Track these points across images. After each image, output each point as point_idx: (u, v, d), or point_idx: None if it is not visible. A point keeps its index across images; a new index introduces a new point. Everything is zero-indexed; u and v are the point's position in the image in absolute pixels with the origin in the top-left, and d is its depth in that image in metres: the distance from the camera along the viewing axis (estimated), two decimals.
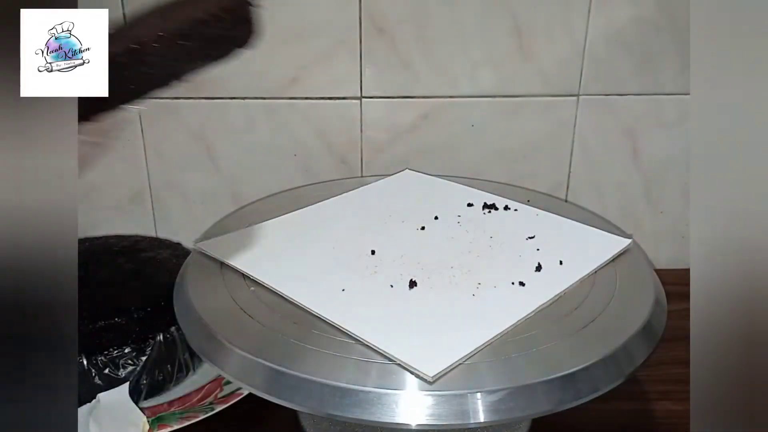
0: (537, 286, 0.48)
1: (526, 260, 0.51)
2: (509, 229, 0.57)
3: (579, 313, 0.46)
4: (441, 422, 0.38)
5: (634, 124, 0.74)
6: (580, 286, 0.49)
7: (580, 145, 0.75)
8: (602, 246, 0.54)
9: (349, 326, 0.43)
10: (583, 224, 0.58)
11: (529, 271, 0.50)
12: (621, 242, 0.54)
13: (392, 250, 0.53)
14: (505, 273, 0.50)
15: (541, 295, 0.47)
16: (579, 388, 0.40)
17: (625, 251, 0.54)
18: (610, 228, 0.59)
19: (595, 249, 0.53)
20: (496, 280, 0.49)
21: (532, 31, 0.70)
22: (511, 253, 0.53)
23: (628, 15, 0.69)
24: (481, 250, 0.53)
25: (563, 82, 0.72)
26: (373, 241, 0.54)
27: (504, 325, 0.43)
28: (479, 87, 0.72)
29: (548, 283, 0.49)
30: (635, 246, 0.56)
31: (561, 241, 0.55)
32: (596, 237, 0.56)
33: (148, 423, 0.51)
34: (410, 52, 0.70)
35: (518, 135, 0.74)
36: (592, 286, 0.49)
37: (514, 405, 0.39)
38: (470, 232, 0.56)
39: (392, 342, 0.41)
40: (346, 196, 0.64)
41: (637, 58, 0.71)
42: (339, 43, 0.70)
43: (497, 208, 0.61)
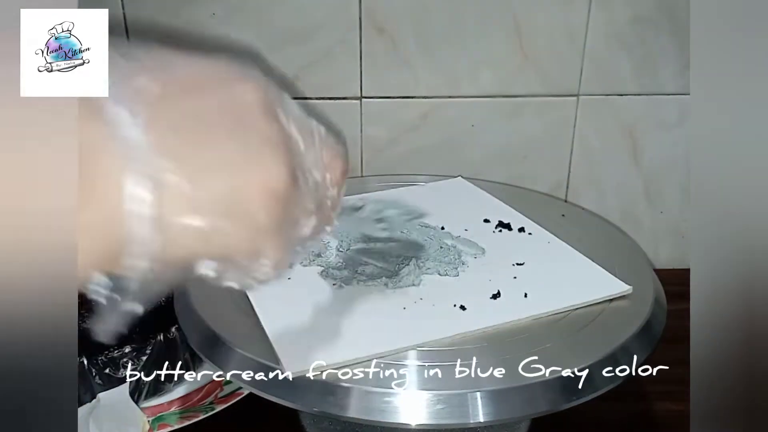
0: (476, 313, 0.46)
1: (490, 285, 0.49)
2: (503, 251, 0.54)
3: (579, 313, 0.46)
4: (441, 422, 0.38)
5: (634, 124, 0.74)
6: (544, 314, 0.47)
7: (580, 145, 0.75)
8: (591, 287, 0.49)
9: (259, 310, 0.45)
10: (591, 261, 0.52)
11: (484, 298, 0.47)
12: (617, 287, 0.49)
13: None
14: (455, 294, 0.48)
15: (471, 322, 0.44)
16: (579, 388, 0.40)
17: (621, 296, 0.48)
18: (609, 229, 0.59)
19: (580, 288, 0.48)
20: (440, 299, 0.47)
21: (532, 31, 0.70)
22: (483, 276, 0.50)
23: (628, 15, 0.69)
24: (457, 268, 0.51)
25: (563, 82, 0.72)
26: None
27: (396, 345, 0.42)
28: (479, 87, 0.72)
29: (492, 312, 0.46)
30: (635, 246, 0.56)
31: (549, 272, 0.51)
32: (594, 277, 0.50)
33: (148, 423, 0.51)
34: (410, 52, 0.70)
35: (518, 135, 0.74)
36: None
37: (514, 405, 0.39)
38: (460, 247, 0.54)
39: (277, 328, 0.43)
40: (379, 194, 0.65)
41: (637, 58, 0.71)
42: (339, 43, 0.70)
43: (511, 228, 0.58)
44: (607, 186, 0.77)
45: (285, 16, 0.68)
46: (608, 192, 0.77)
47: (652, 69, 0.71)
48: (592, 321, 0.45)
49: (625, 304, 0.47)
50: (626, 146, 0.75)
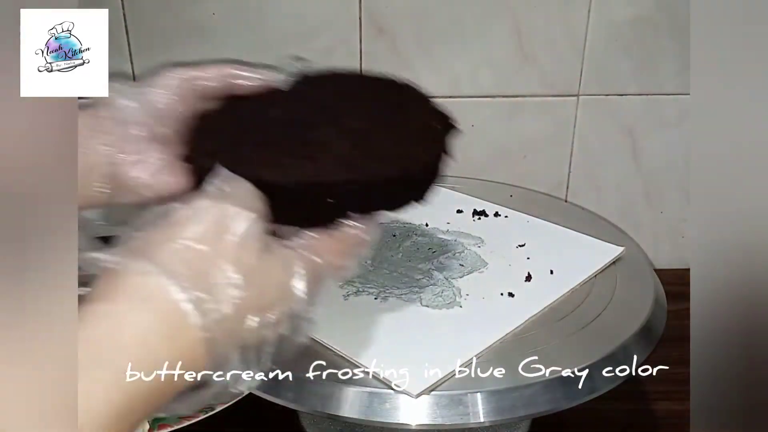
0: (527, 296, 0.47)
1: (515, 270, 0.51)
2: (498, 236, 0.56)
3: (579, 313, 0.46)
4: (441, 422, 0.38)
5: (634, 124, 0.74)
6: (578, 288, 0.49)
7: (580, 145, 0.75)
8: (594, 254, 0.53)
9: (338, 345, 0.42)
10: (575, 231, 0.57)
11: (519, 281, 0.49)
12: (613, 250, 0.53)
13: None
14: (495, 283, 0.49)
15: (532, 306, 0.46)
16: (579, 388, 0.40)
17: (618, 258, 0.53)
18: (609, 229, 0.59)
19: (586, 257, 0.52)
20: (484, 292, 0.48)
21: (532, 31, 0.70)
22: (501, 262, 0.52)
23: (628, 15, 0.69)
24: (470, 259, 0.52)
25: (563, 82, 0.72)
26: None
27: (492, 339, 0.42)
28: (479, 87, 0.72)
29: (538, 293, 0.48)
30: (635, 246, 0.56)
31: (552, 249, 0.54)
32: (588, 245, 0.55)
33: (148, 423, 0.51)
34: (410, 52, 0.70)
35: (518, 135, 0.74)
36: (593, 287, 0.49)
37: (514, 405, 0.39)
38: (460, 239, 0.55)
39: (378, 361, 0.41)
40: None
41: (637, 58, 0.71)
42: (339, 43, 0.70)
43: (487, 214, 0.60)
44: (607, 186, 0.77)
45: (285, 16, 0.68)
46: (608, 192, 0.77)
47: (652, 69, 0.71)
48: (592, 321, 0.45)
49: (625, 304, 0.47)
50: (626, 146, 0.75)
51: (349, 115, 0.38)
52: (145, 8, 0.68)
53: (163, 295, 0.27)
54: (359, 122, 0.37)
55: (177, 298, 0.27)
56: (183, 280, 0.28)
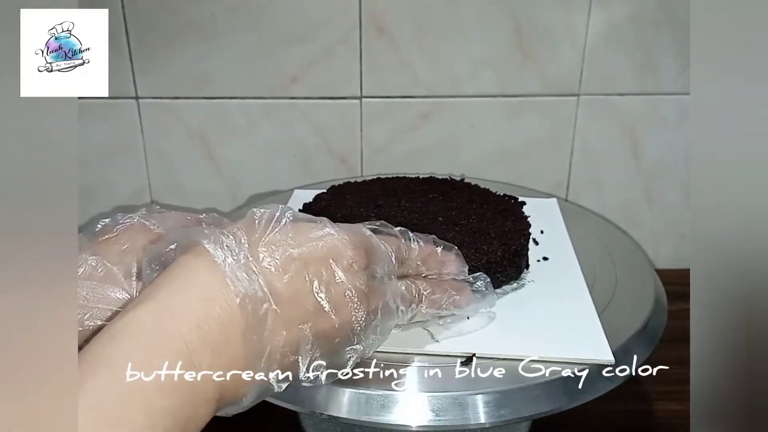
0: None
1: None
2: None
3: None
4: (441, 423, 0.38)
5: (634, 124, 0.74)
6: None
7: (580, 145, 0.75)
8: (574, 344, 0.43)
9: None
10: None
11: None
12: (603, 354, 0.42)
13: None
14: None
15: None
16: (579, 388, 0.40)
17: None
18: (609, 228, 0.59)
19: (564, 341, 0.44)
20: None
21: (532, 31, 0.70)
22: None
23: (628, 14, 0.69)
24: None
25: (563, 82, 0.72)
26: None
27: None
28: (479, 87, 0.72)
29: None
30: (635, 246, 0.56)
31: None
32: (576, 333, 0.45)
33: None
34: (410, 52, 0.70)
35: (518, 135, 0.74)
36: (592, 286, 0.49)
37: (514, 405, 0.39)
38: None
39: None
40: None
41: (637, 58, 0.71)
42: (339, 43, 0.70)
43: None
44: (607, 186, 0.77)
45: (285, 16, 0.68)
46: (608, 192, 0.77)
47: (652, 69, 0.71)
48: None
49: (625, 304, 0.47)
50: (626, 146, 0.75)
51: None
52: (145, 8, 0.68)
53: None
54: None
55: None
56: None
